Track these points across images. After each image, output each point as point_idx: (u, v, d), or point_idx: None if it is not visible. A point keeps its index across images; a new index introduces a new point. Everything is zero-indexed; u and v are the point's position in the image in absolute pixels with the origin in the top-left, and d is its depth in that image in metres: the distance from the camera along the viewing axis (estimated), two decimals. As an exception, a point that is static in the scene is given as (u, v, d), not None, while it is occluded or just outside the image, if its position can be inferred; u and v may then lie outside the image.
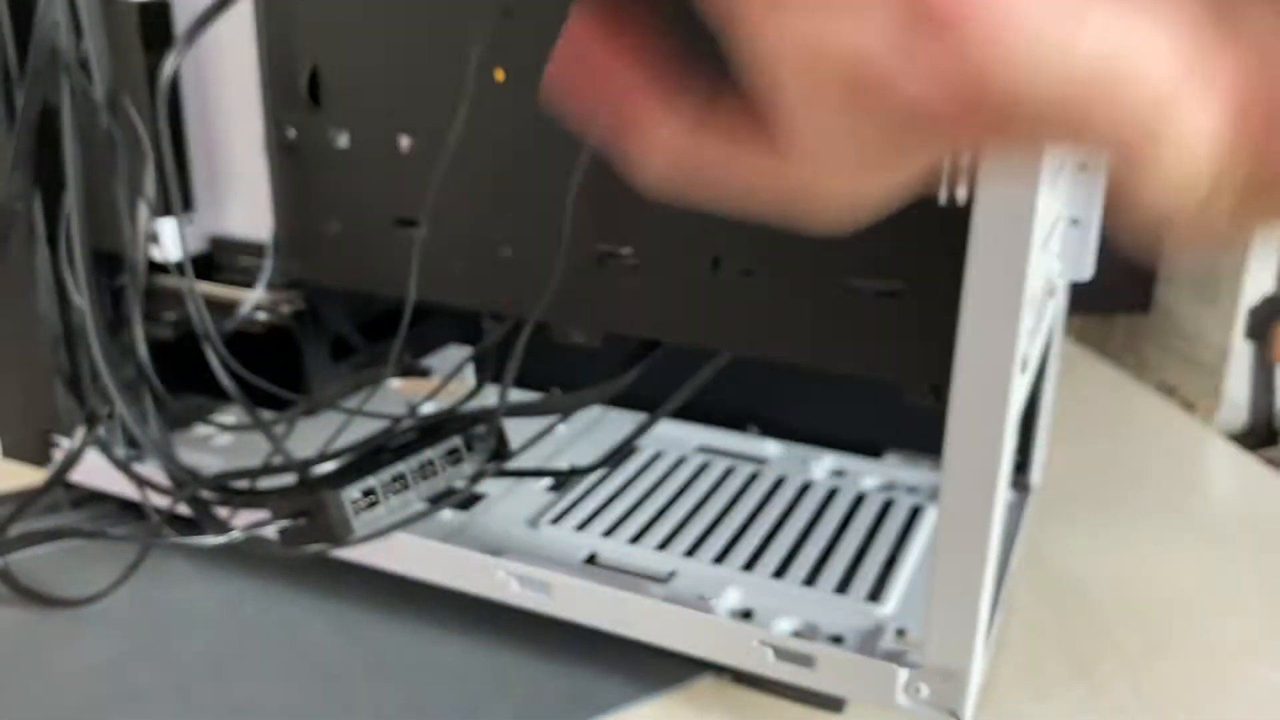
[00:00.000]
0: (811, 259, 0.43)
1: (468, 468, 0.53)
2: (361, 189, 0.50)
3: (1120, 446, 0.82)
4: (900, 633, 0.50)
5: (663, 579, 0.55)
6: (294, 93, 0.50)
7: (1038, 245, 0.39)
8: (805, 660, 0.48)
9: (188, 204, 0.54)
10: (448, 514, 0.59)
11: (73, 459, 0.58)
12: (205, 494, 0.53)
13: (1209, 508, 0.72)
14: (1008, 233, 0.38)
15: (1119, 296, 1.39)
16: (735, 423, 0.72)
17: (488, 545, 0.56)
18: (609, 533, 0.59)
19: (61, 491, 0.66)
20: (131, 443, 0.59)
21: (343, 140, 0.50)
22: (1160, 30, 0.18)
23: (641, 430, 0.55)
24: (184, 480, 0.53)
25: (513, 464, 0.55)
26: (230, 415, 0.69)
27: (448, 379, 0.55)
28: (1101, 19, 0.18)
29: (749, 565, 0.56)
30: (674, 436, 0.71)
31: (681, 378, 0.51)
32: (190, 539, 0.51)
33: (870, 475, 0.66)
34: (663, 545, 0.58)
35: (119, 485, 0.61)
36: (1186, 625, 0.59)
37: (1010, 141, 0.19)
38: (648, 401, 0.54)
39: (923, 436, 0.67)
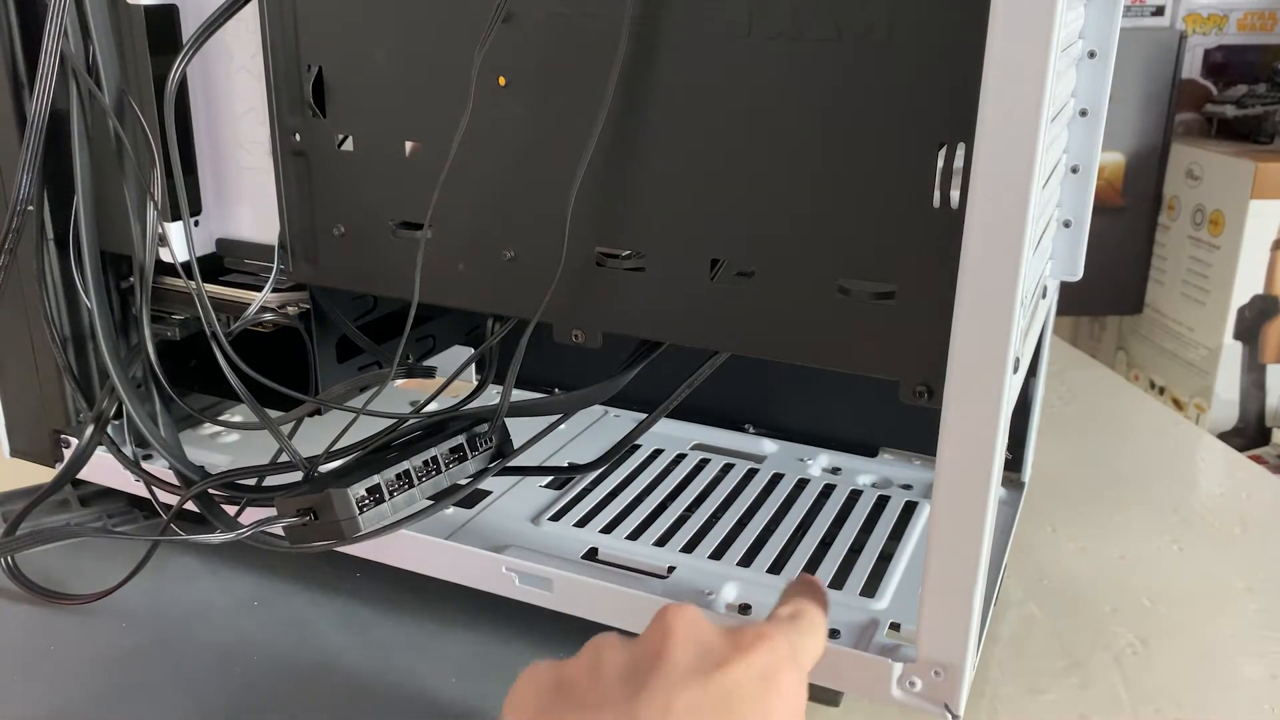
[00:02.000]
0: (808, 261, 0.44)
1: (471, 466, 0.54)
2: (366, 192, 0.51)
3: (1110, 445, 0.83)
4: (895, 627, 0.51)
5: (662, 574, 0.55)
6: (300, 97, 0.51)
7: (1029, 247, 0.39)
8: (802, 654, 0.49)
9: (195, 207, 0.55)
10: (451, 511, 0.60)
11: (82, 457, 0.59)
12: (213, 492, 0.54)
13: (1199, 505, 0.73)
14: (1000, 235, 0.39)
15: (1110, 297, 1.40)
16: (733, 421, 0.73)
17: (490, 541, 0.57)
18: (609, 529, 0.60)
19: (71, 489, 0.67)
20: (140, 441, 0.60)
21: (348, 144, 0.51)
22: None
23: (641, 429, 0.56)
24: (192, 478, 0.54)
25: (515, 462, 0.56)
26: (237, 414, 0.70)
27: (451, 379, 0.56)
28: None
29: (746, 561, 0.57)
30: (672, 435, 0.72)
31: (680, 377, 0.52)
32: (198, 536, 0.52)
33: (865, 473, 0.67)
34: (661, 541, 0.59)
35: (128, 483, 0.62)
36: (1177, 620, 0.60)
37: None
38: (647, 401, 0.55)
39: (917, 435, 0.68)
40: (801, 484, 0.66)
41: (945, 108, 0.39)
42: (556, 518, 0.61)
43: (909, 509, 0.63)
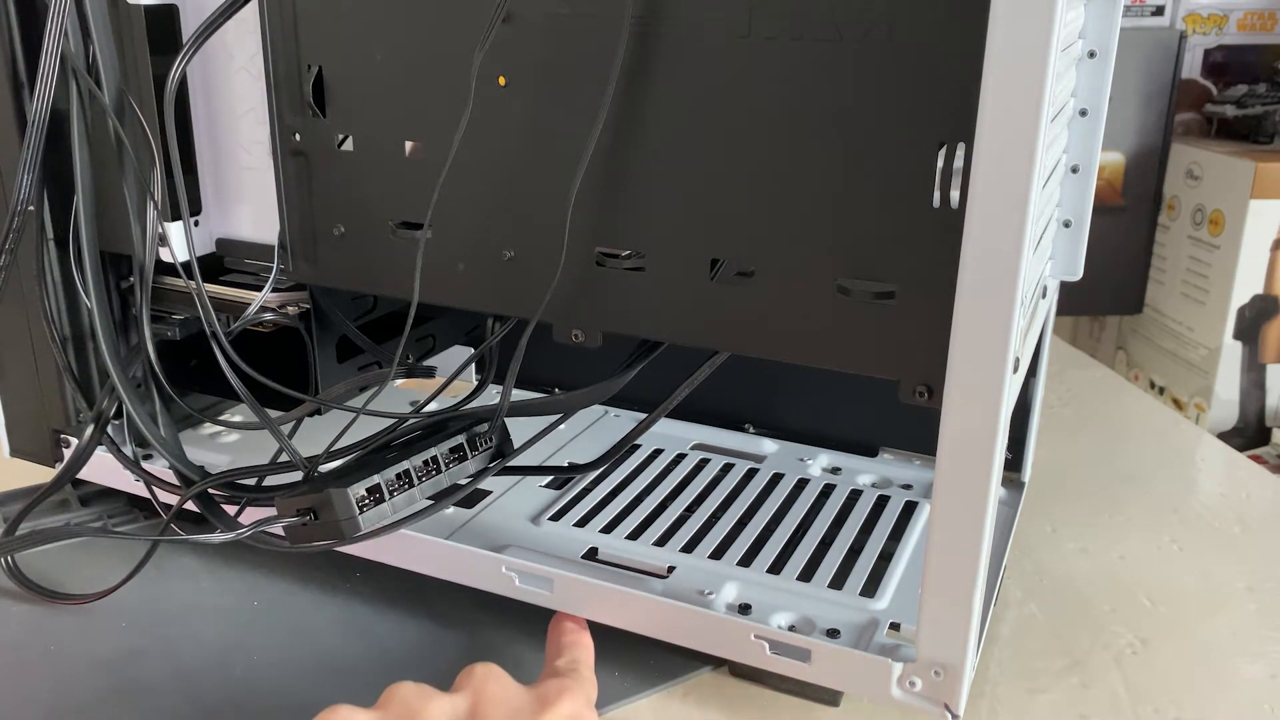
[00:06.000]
0: (808, 261, 0.44)
1: (471, 465, 0.54)
2: (366, 192, 0.51)
3: (1110, 445, 0.83)
4: (895, 627, 0.51)
5: (662, 574, 0.55)
6: (300, 97, 0.51)
7: (1029, 247, 0.39)
8: (801, 654, 0.49)
9: (195, 207, 0.55)
10: (451, 511, 0.60)
11: (82, 457, 0.59)
12: (213, 492, 0.54)
13: (1199, 505, 0.73)
14: (1000, 235, 0.39)
15: (1110, 297, 1.40)
16: (733, 421, 0.73)
17: (490, 541, 0.57)
18: (609, 529, 0.60)
19: (71, 489, 0.67)
20: (140, 441, 0.60)
21: (348, 144, 0.51)
22: None
23: (641, 429, 0.56)
24: (192, 478, 0.54)
25: (515, 462, 0.56)
26: (237, 414, 0.70)
27: (451, 379, 0.56)
28: None
29: (746, 561, 0.57)
30: (672, 435, 0.72)
31: (680, 377, 0.52)
32: (198, 536, 0.52)
33: (865, 472, 0.67)
34: (661, 541, 0.59)
35: (128, 483, 0.62)
36: (1177, 620, 0.60)
37: None
38: (647, 401, 0.55)
39: (917, 435, 0.68)
40: (801, 484, 0.66)
41: (945, 108, 0.39)
42: (556, 517, 0.61)
43: (909, 509, 0.63)
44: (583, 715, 0.45)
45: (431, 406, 0.57)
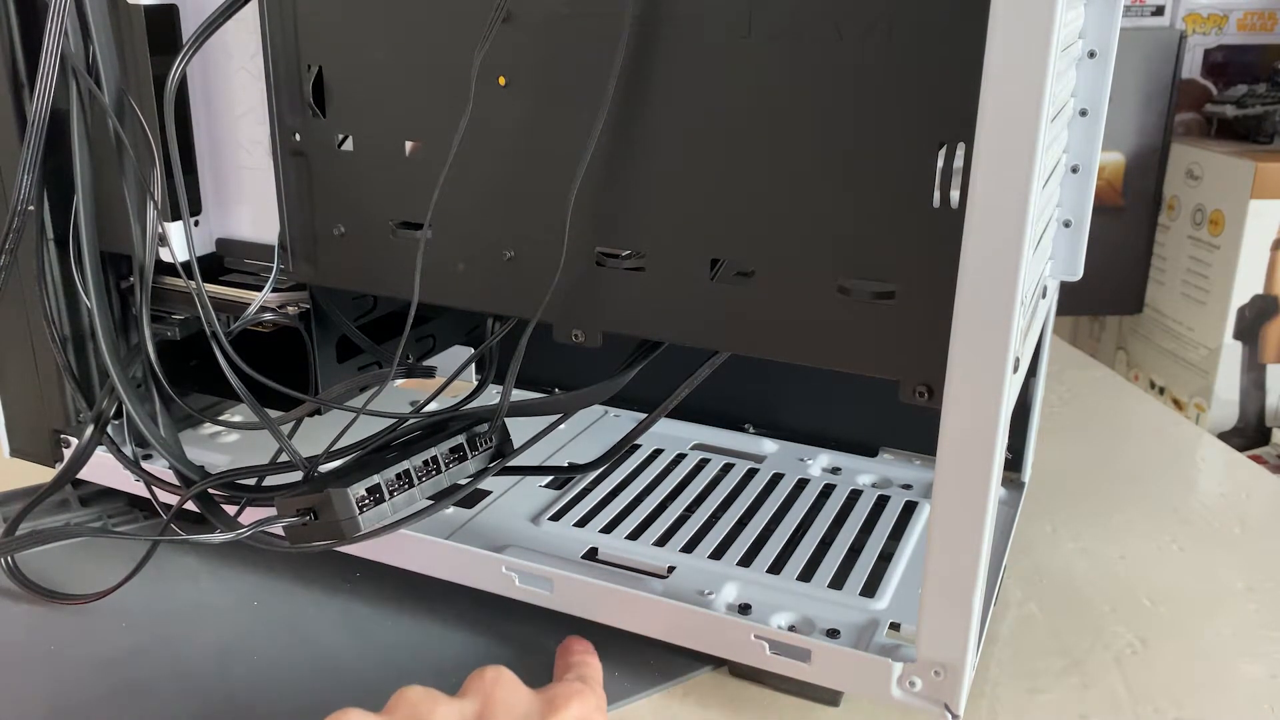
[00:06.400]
0: (808, 261, 0.44)
1: (471, 465, 0.54)
2: (366, 192, 0.51)
3: (1111, 445, 0.83)
4: (895, 627, 0.51)
5: (662, 574, 0.55)
6: (300, 97, 0.51)
7: (1029, 247, 0.39)
8: (801, 654, 0.49)
9: (195, 207, 0.55)
10: (451, 511, 0.60)
11: (82, 457, 0.59)
12: (213, 492, 0.54)
13: (1199, 505, 0.73)
14: (1000, 235, 0.39)
15: (1110, 297, 1.40)
16: (733, 421, 0.73)
17: (490, 541, 0.57)
18: (609, 529, 0.60)
19: (71, 489, 0.67)
20: (140, 441, 0.60)
21: (348, 144, 0.51)
22: None
23: (641, 429, 0.56)
24: (192, 478, 0.54)
25: (515, 462, 0.56)
26: (238, 414, 0.70)
27: (451, 379, 0.56)
28: None
29: (746, 561, 0.57)
30: (672, 435, 0.72)
31: (680, 377, 0.52)
32: (198, 536, 0.52)
33: (865, 473, 0.67)
34: (661, 541, 0.59)
35: (128, 483, 0.62)
36: (1177, 620, 0.60)
37: None
38: (647, 401, 0.55)
39: (917, 435, 0.68)
40: (801, 484, 0.66)
41: (945, 107, 0.39)
42: (556, 518, 0.61)
43: (909, 509, 0.63)
44: (592, 719, 0.44)
45: (431, 406, 0.57)
